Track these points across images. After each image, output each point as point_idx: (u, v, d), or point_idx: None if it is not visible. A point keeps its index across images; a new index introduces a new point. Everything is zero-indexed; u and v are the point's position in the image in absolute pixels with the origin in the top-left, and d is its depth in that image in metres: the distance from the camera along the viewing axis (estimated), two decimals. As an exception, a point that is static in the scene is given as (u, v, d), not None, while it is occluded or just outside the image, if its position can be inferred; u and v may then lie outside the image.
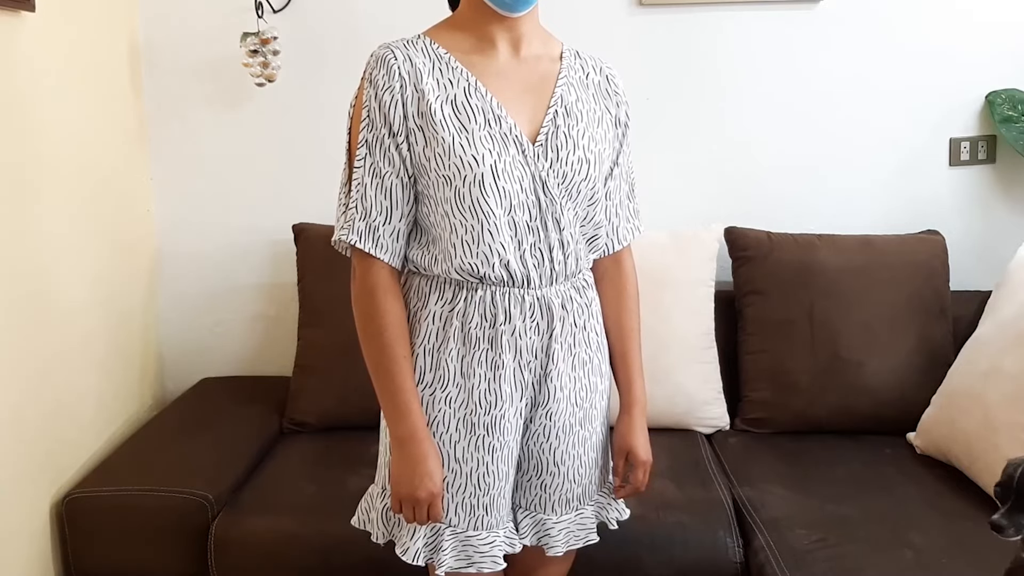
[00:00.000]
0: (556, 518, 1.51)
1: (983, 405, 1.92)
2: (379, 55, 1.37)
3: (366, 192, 1.35)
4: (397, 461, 1.38)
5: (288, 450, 2.24)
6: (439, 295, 1.40)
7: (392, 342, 1.37)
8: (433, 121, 1.34)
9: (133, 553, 1.95)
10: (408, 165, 1.36)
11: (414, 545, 1.41)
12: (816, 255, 2.34)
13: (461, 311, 1.39)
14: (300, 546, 1.88)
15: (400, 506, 1.39)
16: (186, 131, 2.57)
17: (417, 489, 1.36)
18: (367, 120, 1.35)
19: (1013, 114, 2.47)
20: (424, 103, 1.35)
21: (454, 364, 1.40)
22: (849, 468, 2.09)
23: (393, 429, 1.38)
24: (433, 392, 1.40)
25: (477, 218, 1.35)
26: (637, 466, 1.55)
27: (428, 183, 1.36)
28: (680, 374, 2.29)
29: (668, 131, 2.56)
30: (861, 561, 1.70)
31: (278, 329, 2.62)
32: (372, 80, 1.36)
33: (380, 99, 1.35)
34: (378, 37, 2.50)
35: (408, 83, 1.35)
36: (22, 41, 1.91)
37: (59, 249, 2.05)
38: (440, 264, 1.38)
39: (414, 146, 1.35)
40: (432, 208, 1.38)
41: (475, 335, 1.39)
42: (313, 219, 2.50)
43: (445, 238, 1.37)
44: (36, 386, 1.94)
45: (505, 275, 1.38)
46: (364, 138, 1.35)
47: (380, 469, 1.50)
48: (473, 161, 1.34)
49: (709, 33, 2.52)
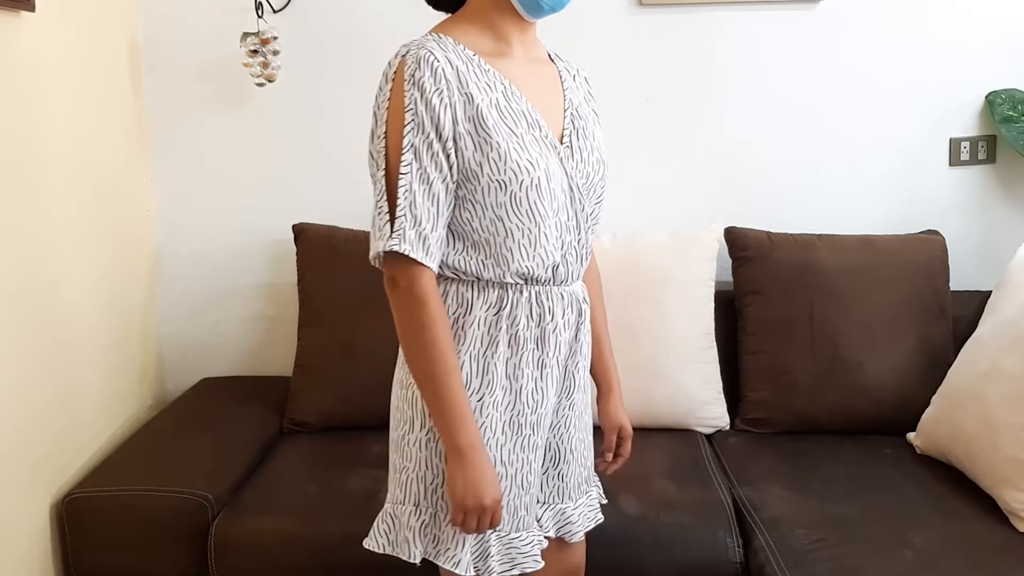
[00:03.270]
0: (573, 505, 1.55)
1: (983, 405, 1.92)
2: (419, 56, 1.31)
3: (415, 199, 1.30)
4: (459, 472, 1.32)
5: (288, 450, 2.24)
6: (483, 299, 1.38)
7: (446, 351, 1.32)
8: (485, 126, 1.32)
9: (133, 553, 1.95)
10: (454, 171, 1.32)
11: (464, 555, 1.38)
12: (816, 255, 2.34)
13: (508, 313, 1.38)
14: (300, 546, 1.88)
15: (463, 517, 1.34)
16: (186, 131, 2.57)
17: (484, 497, 1.32)
18: (412, 124, 1.30)
19: (1013, 114, 2.47)
20: (472, 107, 1.32)
21: (501, 367, 1.39)
22: (849, 468, 2.09)
23: (452, 439, 1.32)
24: (481, 398, 1.38)
25: (535, 221, 1.35)
26: (627, 439, 1.62)
27: (475, 188, 1.33)
28: (680, 374, 2.29)
29: (668, 131, 2.56)
30: (861, 561, 1.70)
31: (278, 329, 2.62)
32: (417, 82, 1.30)
33: (428, 102, 1.29)
34: (378, 37, 2.53)
35: (454, 86, 1.31)
36: (22, 41, 1.92)
37: (59, 249, 2.05)
38: (491, 269, 1.36)
39: (463, 151, 1.32)
40: (477, 213, 1.34)
41: (522, 336, 1.40)
42: (313, 219, 2.50)
43: (497, 243, 1.35)
44: (36, 386, 1.94)
45: (551, 274, 1.40)
46: (410, 143, 1.30)
47: (408, 486, 1.41)
48: (529, 165, 1.34)
49: (709, 33, 2.52)
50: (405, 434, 1.41)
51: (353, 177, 2.59)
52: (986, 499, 1.89)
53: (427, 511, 1.39)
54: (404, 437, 1.41)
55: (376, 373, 2.30)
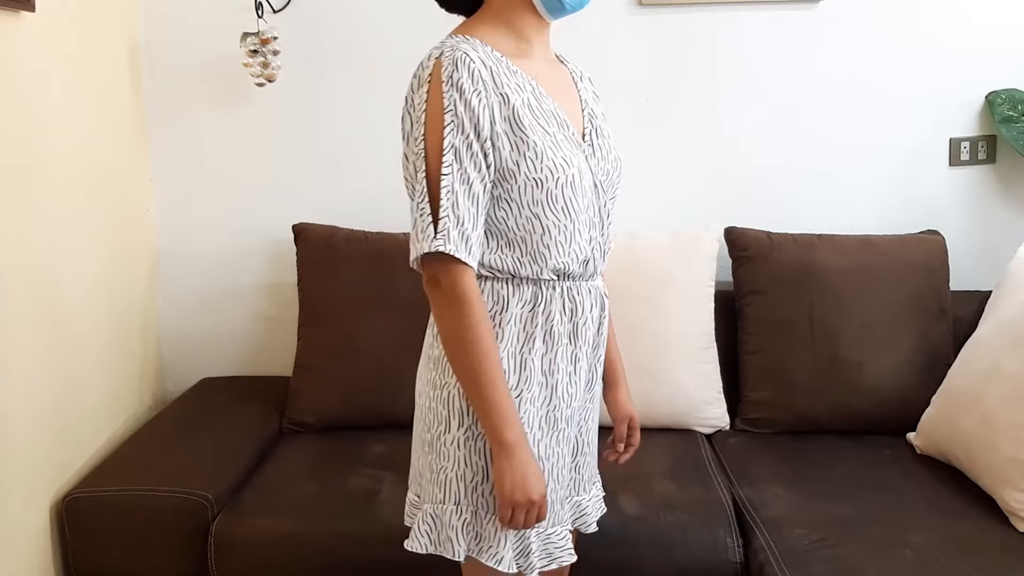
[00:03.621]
0: (588, 496, 1.56)
1: (983, 405, 1.92)
2: (455, 57, 1.32)
3: (458, 200, 1.30)
4: (507, 468, 1.32)
5: (288, 450, 2.24)
6: (519, 296, 1.39)
7: (490, 349, 1.33)
8: (522, 125, 1.34)
9: (133, 553, 1.95)
10: (491, 171, 1.34)
11: (507, 552, 1.39)
12: (816, 255, 2.34)
13: (543, 310, 1.40)
14: (300, 546, 1.88)
15: (511, 513, 1.34)
16: (186, 131, 2.57)
17: (532, 493, 1.33)
18: (452, 125, 1.31)
19: (1013, 114, 2.48)
20: (508, 107, 1.34)
21: (538, 363, 1.40)
22: (849, 468, 2.09)
23: (499, 436, 1.33)
24: (519, 394, 1.39)
25: (570, 218, 1.38)
26: (636, 429, 1.65)
27: (512, 187, 1.35)
28: (680, 374, 2.29)
29: (668, 131, 2.57)
30: (861, 561, 1.70)
31: (278, 329, 2.62)
32: (455, 83, 1.31)
33: (468, 103, 1.31)
34: (378, 37, 2.54)
35: (490, 87, 1.33)
36: (22, 41, 1.92)
37: (59, 249, 2.05)
38: (528, 266, 1.38)
39: (500, 150, 1.34)
40: (512, 212, 1.37)
41: (557, 331, 1.42)
42: (313, 219, 2.50)
43: (534, 240, 1.37)
44: (36, 386, 1.94)
45: (583, 269, 1.43)
46: (451, 144, 1.30)
47: (448, 485, 1.40)
48: (564, 163, 1.37)
49: (709, 33, 2.53)
50: (441, 434, 1.40)
51: (353, 177, 2.60)
52: (986, 499, 1.89)
53: (468, 509, 1.39)
54: (440, 437, 1.40)
55: (376, 373, 2.32)
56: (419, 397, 1.47)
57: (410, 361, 2.26)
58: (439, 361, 1.40)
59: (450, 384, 1.38)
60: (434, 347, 1.42)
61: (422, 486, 1.46)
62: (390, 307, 2.34)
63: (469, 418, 1.37)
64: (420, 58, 1.38)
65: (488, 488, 1.38)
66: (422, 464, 1.45)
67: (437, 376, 1.41)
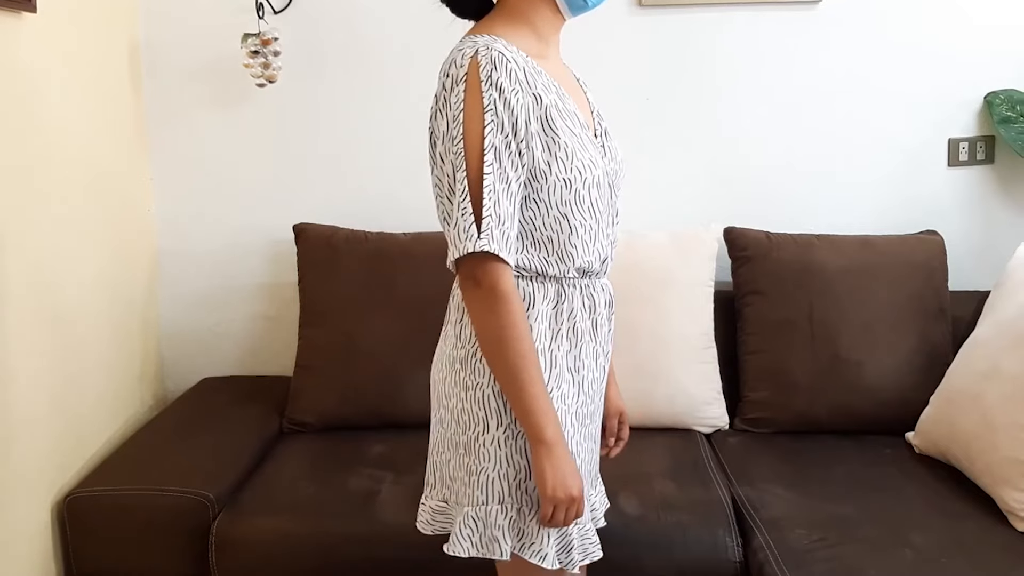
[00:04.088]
0: (596, 492, 1.58)
1: (982, 405, 1.92)
2: (493, 57, 1.31)
3: (499, 199, 1.30)
4: (548, 465, 1.32)
5: (288, 450, 2.24)
6: (544, 294, 1.40)
7: (531, 347, 1.34)
8: (554, 126, 1.35)
9: (133, 553, 1.95)
10: (525, 171, 1.34)
11: (550, 549, 1.39)
12: (815, 255, 2.34)
13: (566, 307, 1.41)
14: (300, 546, 1.88)
15: (553, 511, 1.34)
16: (186, 131, 2.57)
17: (572, 489, 1.33)
18: (492, 125, 1.30)
19: (1012, 114, 2.48)
20: (540, 107, 1.34)
21: (564, 360, 1.41)
22: (849, 468, 2.09)
23: (539, 434, 1.33)
24: (550, 391, 1.39)
25: (595, 217, 1.40)
26: (625, 423, 1.67)
27: (542, 187, 1.35)
28: (680, 374, 2.29)
29: (668, 131, 2.57)
30: (861, 561, 1.71)
31: (278, 329, 2.62)
32: (495, 83, 1.30)
33: (507, 102, 1.31)
34: (378, 38, 2.54)
35: (525, 87, 1.33)
36: (23, 41, 1.92)
37: (59, 249, 2.05)
38: (555, 266, 1.39)
39: (534, 150, 1.34)
40: (540, 212, 1.37)
41: (580, 328, 1.43)
42: (313, 219, 2.50)
43: (561, 240, 1.38)
44: (37, 386, 1.94)
45: (601, 267, 1.45)
46: (491, 143, 1.30)
47: (490, 485, 1.39)
48: (591, 163, 1.38)
49: (709, 33, 2.53)
50: (479, 435, 1.39)
51: (353, 177, 2.60)
52: (985, 499, 1.90)
53: (513, 507, 1.39)
54: (478, 438, 1.39)
55: (376, 373, 2.32)
56: (447, 400, 1.43)
57: (410, 361, 2.28)
58: (467, 361, 1.39)
59: (483, 384, 1.38)
60: (460, 348, 1.41)
61: (454, 490, 1.44)
62: (390, 307, 2.34)
63: (508, 417, 1.37)
64: (420, 58, 1.39)
65: (531, 485, 1.38)
66: (453, 467, 1.43)
67: (467, 377, 1.39)
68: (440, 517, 1.48)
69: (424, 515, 1.51)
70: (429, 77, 1.44)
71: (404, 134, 2.54)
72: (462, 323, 1.41)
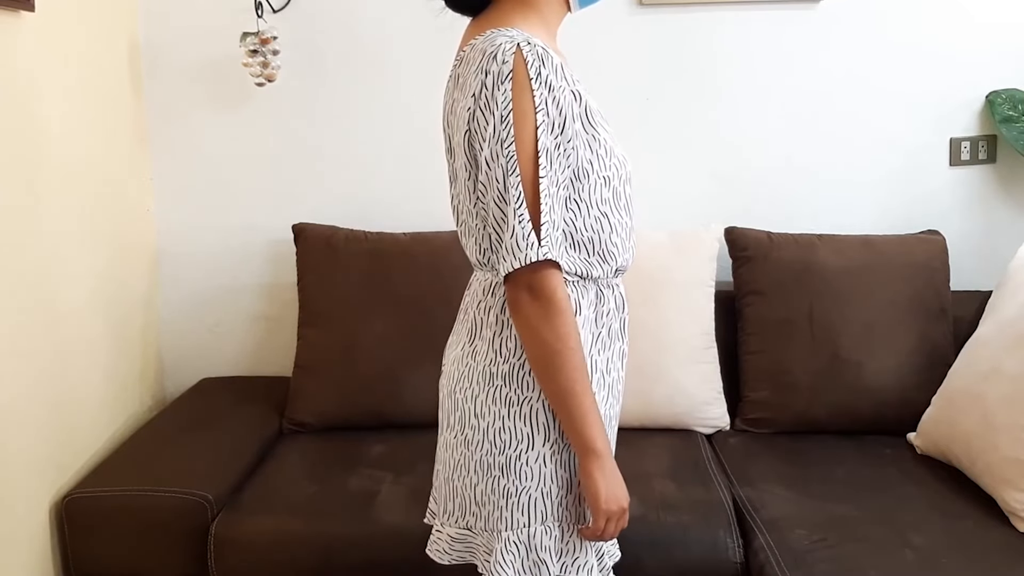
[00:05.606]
0: None
1: (983, 405, 1.92)
2: (539, 52, 1.23)
3: (553, 204, 1.23)
4: (601, 478, 1.27)
5: (288, 450, 2.24)
6: (587, 298, 1.34)
7: (583, 356, 1.27)
8: (592, 122, 1.29)
9: (133, 553, 1.95)
10: (570, 171, 1.28)
11: (592, 558, 1.37)
12: (816, 255, 2.34)
13: (604, 310, 1.36)
14: (300, 546, 1.88)
15: (605, 523, 1.29)
16: (186, 131, 2.57)
17: (623, 500, 1.30)
18: (544, 125, 1.22)
19: (1013, 114, 2.47)
20: (580, 104, 1.28)
21: (599, 363, 1.36)
22: (849, 468, 2.09)
23: (592, 446, 1.27)
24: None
25: (630, 214, 1.36)
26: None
27: (583, 187, 1.29)
28: (680, 374, 2.29)
29: (667, 131, 2.56)
30: (861, 561, 1.70)
31: (278, 329, 2.62)
32: (545, 81, 1.22)
33: (557, 101, 1.23)
34: (378, 37, 2.54)
35: (569, 82, 1.26)
36: (22, 41, 1.91)
37: (59, 249, 2.05)
38: (598, 267, 1.33)
39: (578, 149, 1.28)
40: (581, 212, 1.30)
41: (614, 329, 1.38)
42: (313, 219, 2.50)
43: (602, 240, 1.32)
44: (36, 386, 1.94)
45: (629, 266, 1.40)
46: (544, 145, 1.22)
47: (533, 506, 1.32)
48: (624, 159, 1.35)
49: (709, 33, 2.52)
50: (522, 453, 1.31)
51: (353, 177, 2.60)
52: (986, 499, 1.89)
53: (556, 526, 1.33)
54: (520, 456, 1.31)
55: (376, 373, 2.32)
56: (478, 419, 1.33)
57: (410, 361, 2.28)
58: (511, 376, 1.31)
59: (532, 398, 1.30)
60: (503, 362, 1.32)
61: (482, 515, 1.35)
62: (390, 307, 2.34)
63: (555, 431, 1.31)
64: (420, 58, 1.36)
65: (571, 500, 1.33)
66: (482, 491, 1.34)
67: (512, 392, 1.31)
68: (459, 545, 1.40)
69: (439, 543, 1.43)
70: (428, 76, 1.43)
71: (404, 133, 2.54)
72: (502, 336, 1.32)
